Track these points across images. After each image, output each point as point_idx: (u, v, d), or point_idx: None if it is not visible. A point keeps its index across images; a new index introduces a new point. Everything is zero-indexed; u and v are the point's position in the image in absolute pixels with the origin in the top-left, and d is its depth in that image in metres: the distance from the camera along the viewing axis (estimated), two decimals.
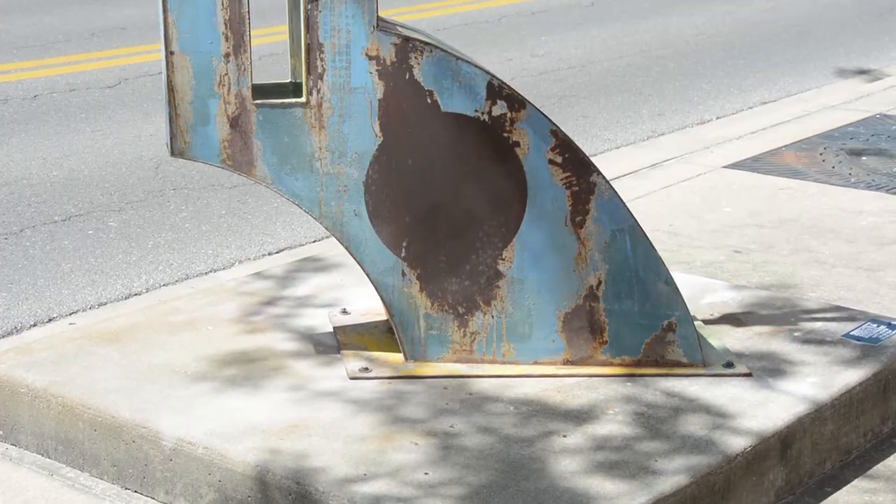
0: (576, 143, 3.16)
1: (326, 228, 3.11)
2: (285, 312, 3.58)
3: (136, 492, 2.96)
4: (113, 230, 5.14)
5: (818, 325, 3.49)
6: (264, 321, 3.51)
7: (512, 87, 3.10)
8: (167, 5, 2.91)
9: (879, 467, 3.13)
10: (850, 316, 3.57)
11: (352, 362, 3.21)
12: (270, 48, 8.43)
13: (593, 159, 5.71)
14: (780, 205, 5.01)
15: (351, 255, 3.13)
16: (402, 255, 3.12)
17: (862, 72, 8.02)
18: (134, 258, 4.82)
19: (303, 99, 3.02)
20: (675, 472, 2.72)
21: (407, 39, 3.03)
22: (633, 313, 3.18)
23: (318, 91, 3.02)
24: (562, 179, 3.11)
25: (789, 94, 7.44)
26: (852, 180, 5.40)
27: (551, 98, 7.38)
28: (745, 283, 4.08)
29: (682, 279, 3.50)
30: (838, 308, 3.63)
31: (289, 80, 3.25)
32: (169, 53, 2.94)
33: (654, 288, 3.17)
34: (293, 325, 3.48)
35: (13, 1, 10.95)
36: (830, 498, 2.98)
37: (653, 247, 3.17)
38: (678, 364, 3.20)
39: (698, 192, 5.21)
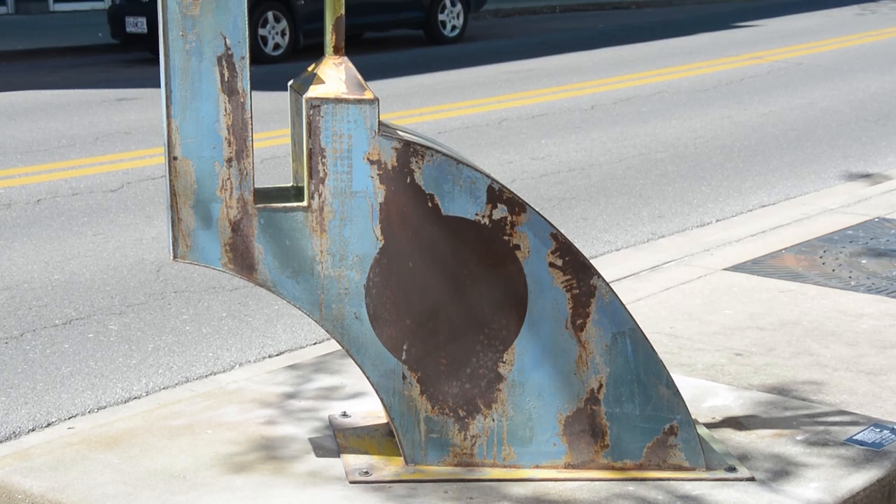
0: (576, 245, 3.17)
1: (327, 331, 3.10)
2: (285, 416, 3.56)
3: None
4: (113, 333, 5.13)
5: (821, 428, 3.46)
6: (264, 425, 3.49)
7: (512, 190, 3.13)
8: (171, 111, 2.94)
9: None
10: (853, 420, 3.54)
11: (352, 466, 3.18)
12: (272, 151, 8.51)
13: (593, 261, 5.73)
14: (780, 307, 5.01)
15: (352, 357, 3.12)
16: (403, 357, 3.11)
17: (860, 176, 8.08)
18: (134, 361, 4.80)
19: (304, 203, 3.04)
20: None
21: (408, 144, 3.06)
22: (634, 417, 3.16)
23: (320, 195, 3.04)
24: (562, 282, 3.12)
25: (788, 198, 7.48)
26: (852, 283, 5.40)
27: (552, 200, 7.43)
28: (747, 385, 4.06)
29: (683, 382, 3.49)
30: (841, 412, 3.61)
31: (290, 184, 3.28)
32: (172, 159, 2.97)
33: (656, 391, 3.15)
34: (293, 429, 3.45)
35: (19, 107, 11.10)
36: None
37: (654, 350, 3.16)
38: (680, 468, 3.17)
39: (699, 295, 5.21)
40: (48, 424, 4.20)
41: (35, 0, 18.63)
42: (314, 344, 4.97)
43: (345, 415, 3.51)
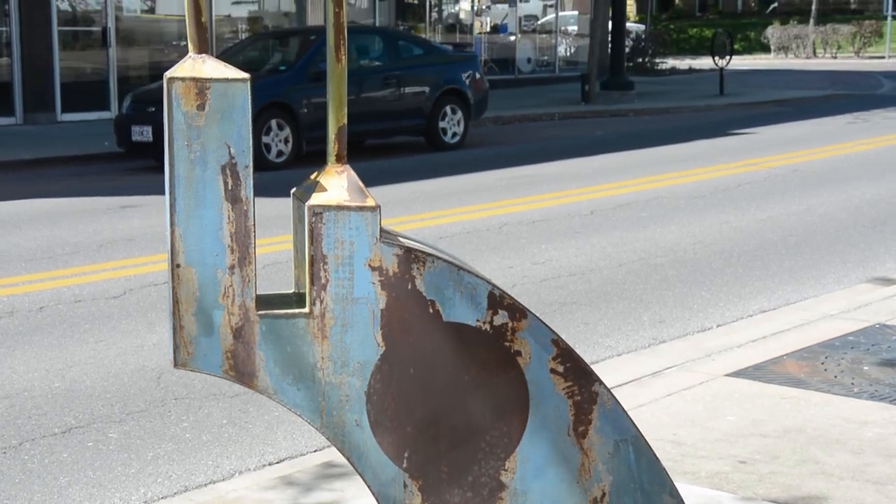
0: (577, 351, 3.17)
1: (328, 439, 3.09)
2: None
3: None
4: (113, 441, 5.10)
5: None
6: None
7: (513, 296, 3.14)
8: (175, 219, 2.97)
9: None
10: None
11: None
12: (275, 257, 8.54)
13: (595, 367, 5.71)
14: (783, 414, 4.98)
15: (352, 466, 3.10)
16: (404, 465, 3.09)
17: (860, 282, 8.10)
18: (133, 470, 4.77)
19: (306, 309, 3.06)
20: None
21: (409, 250, 3.08)
22: None
23: (322, 301, 3.06)
24: (564, 389, 3.11)
25: (788, 303, 7.49)
26: (855, 390, 5.38)
27: (552, 305, 7.44)
28: (752, 494, 4.02)
29: (687, 491, 3.46)
30: None
31: (292, 291, 3.29)
32: (175, 266, 2.99)
33: (659, 500, 3.13)
34: None
35: (24, 215, 11.17)
36: None
37: (656, 457, 3.14)
38: None
39: (701, 401, 5.19)
40: None
41: (43, 111, 18.86)
42: (315, 451, 4.94)
43: None
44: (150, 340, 6.69)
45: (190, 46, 3.08)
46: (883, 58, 35.25)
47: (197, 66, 2.98)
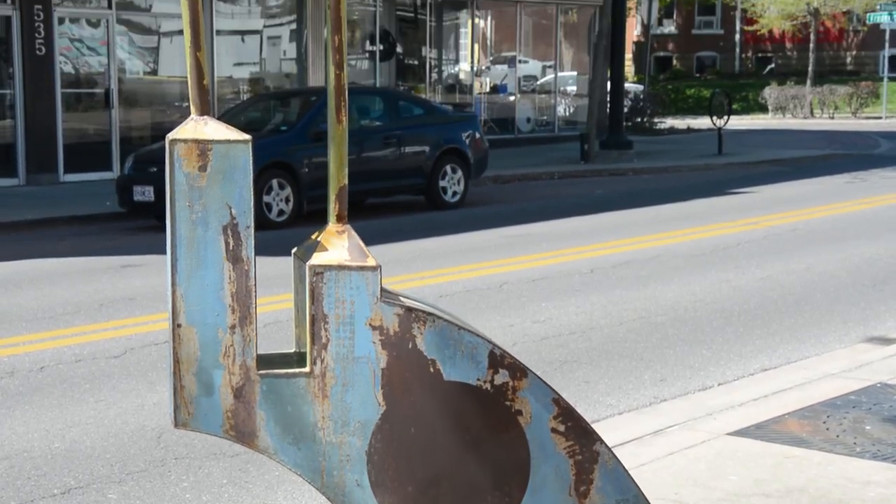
0: (578, 409, 3.17)
1: (329, 499, 3.08)
2: None
3: None
4: (112, 502, 5.07)
5: None
6: None
7: (513, 354, 3.15)
8: (176, 279, 2.99)
9: None
10: None
11: None
12: (275, 316, 8.55)
13: (596, 426, 5.69)
14: (786, 473, 4.96)
15: None
16: None
17: (861, 340, 8.10)
18: None
19: (307, 369, 3.06)
20: None
21: (409, 310, 3.09)
22: None
23: (322, 361, 3.06)
24: (565, 448, 3.11)
25: (789, 361, 7.48)
26: (857, 450, 5.36)
27: (553, 363, 7.43)
28: None
29: None
30: None
31: (293, 350, 3.30)
32: (176, 326, 3.00)
33: None
34: None
35: (25, 275, 11.19)
36: None
37: None
38: None
39: (703, 460, 5.17)
40: None
41: (45, 172, 18.95)
42: None
43: None
44: (150, 400, 6.67)
45: (192, 108, 3.12)
46: (880, 118, 35.48)
47: (199, 127, 3.01)
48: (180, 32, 19.99)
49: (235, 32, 22.28)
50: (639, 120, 31.09)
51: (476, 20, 26.58)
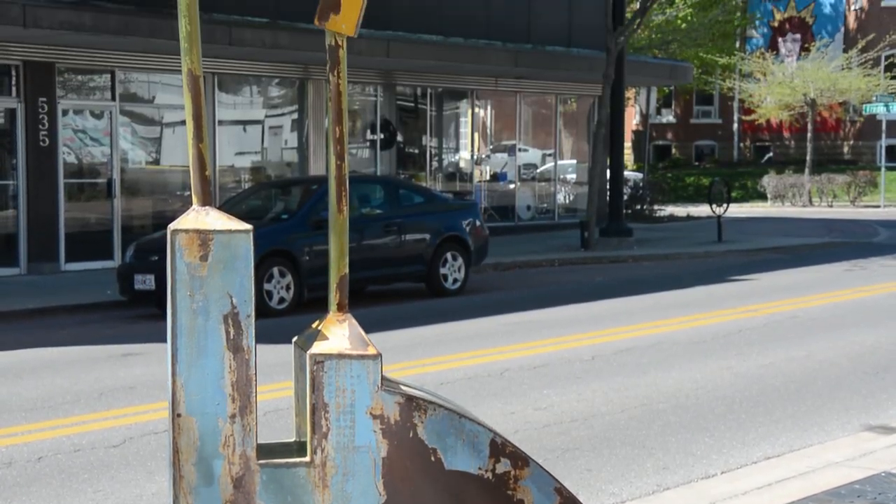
0: (580, 498, 3.15)
1: None
2: None
3: None
4: None
5: None
6: None
7: (515, 443, 3.14)
8: (176, 369, 2.99)
9: None
10: None
11: None
12: (276, 404, 8.51)
13: None
14: None
15: None
16: None
17: (863, 429, 8.05)
18: None
19: (307, 458, 3.05)
20: None
21: (410, 398, 3.10)
22: None
23: (323, 450, 3.05)
24: None
25: (792, 450, 7.44)
26: None
27: (555, 451, 7.38)
28: None
29: None
30: None
31: (293, 439, 3.29)
32: (176, 415, 3.00)
33: None
34: None
35: (26, 365, 11.17)
36: None
37: None
38: None
39: None
40: None
41: (47, 261, 19.00)
42: None
43: None
44: (149, 490, 6.62)
45: (194, 198, 3.15)
46: (878, 207, 35.66)
47: (200, 217, 3.05)
48: (182, 123, 20.17)
49: (237, 122, 22.51)
50: (638, 208, 31.26)
51: (476, 109, 26.86)
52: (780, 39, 44.16)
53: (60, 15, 17.33)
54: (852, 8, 42.65)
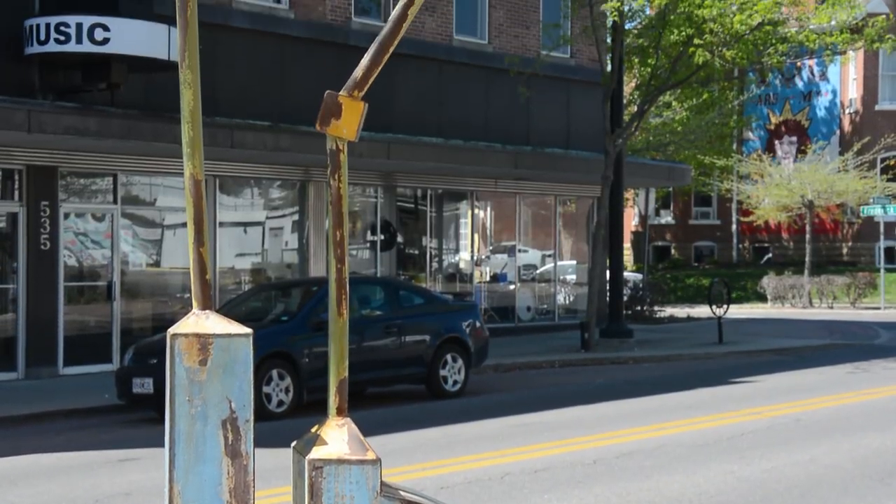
0: None
1: None
2: None
3: None
4: None
5: None
6: None
7: None
8: (174, 475, 2.96)
9: None
10: None
11: None
12: None
13: None
14: None
15: None
16: None
17: None
18: None
19: None
20: None
21: None
22: None
23: None
24: None
25: None
26: None
27: None
28: None
29: None
30: None
31: None
32: None
33: None
34: None
35: (22, 471, 11.05)
36: None
37: None
38: None
39: None
40: None
41: (45, 365, 18.91)
42: None
43: None
44: None
45: (194, 302, 3.15)
46: (879, 308, 35.65)
47: (200, 321, 3.04)
48: (183, 225, 20.27)
49: (238, 224, 22.62)
50: (639, 308, 31.25)
51: (476, 210, 27.01)
52: (776, 142, 44.60)
53: (65, 120, 17.51)
54: (847, 111, 43.14)
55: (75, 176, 19.86)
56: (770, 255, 45.26)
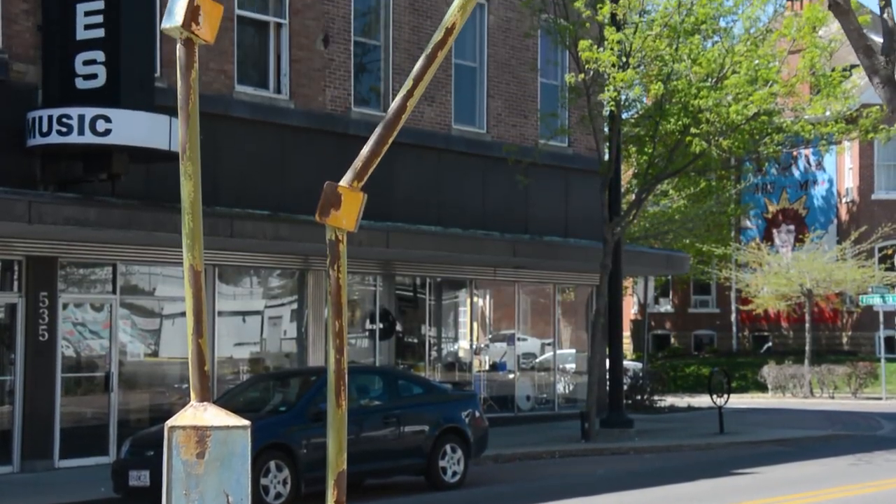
0: None
1: None
2: None
3: None
4: None
5: None
6: None
7: None
8: None
9: None
10: None
11: None
12: None
13: None
14: None
15: None
16: None
17: None
18: None
19: None
20: None
21: None
22: None
23: None
24: None
25: None
26: None
27: None
28: None
29: None
30: None
31: None
32: None
33: None
34: None
35: None
36: None
37: None
38: None
39: None
40: None
41: (41, 458, 18.69)
42: None
43: None
44: None
45: (192, 394, 3.11)
46: (880, 399, 35.46)
47: (198, 414, 3.00)
48: (182, 314, 20.22)
49: (237, 313, 22.58)
50: (639, 398, 31.07)
51: (475, 298, 26.99)
52: (774, 230, 44.75)
53: (65, 210, 17.55)
54: (843, 200, 43.35)
55: (75, 266, 19.86)
56: (770, 343, 45.14)
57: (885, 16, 12.06)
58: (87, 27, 17.51)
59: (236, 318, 22.57)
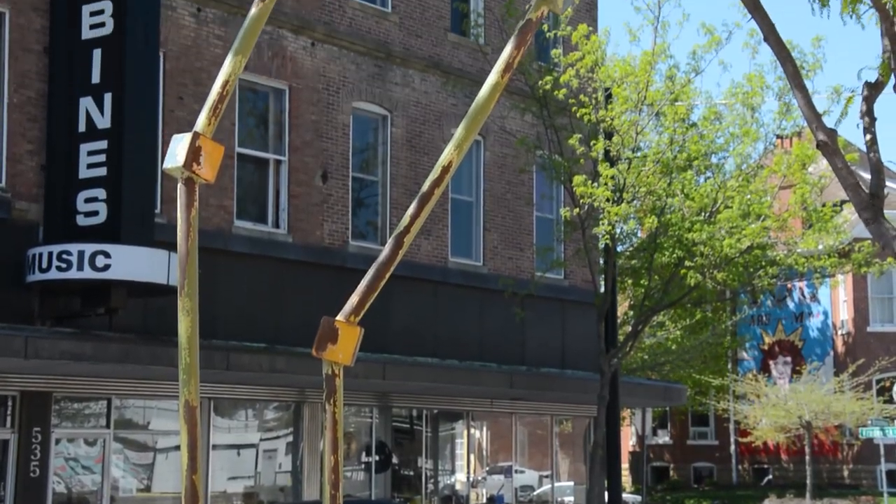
0: None
1: None
2: None
3: None
4: None
5: None
6: None
7: None
8: None
9: None
10: None
11: None
12: None
13: None
14: None
15: None
16: None
17: None
18: None
19: None
20: None
21: None
22: None
23: None
24: None
25: None
26: None
27: None
28: None
29: None
30: None
31: None
32: None
33: None
34: None
35: None
36: None
37: None
38: None
39: None
40: None
41: None
42: None
43: None
44: None
45: None
46: None
47: None
48: (176, 448, 20.03)
49: (231, 446, 22.38)
50: None
51: (472, 430, 26.81)
52: (771, 362, 44.65)
53: (62, 345, 17.53)
54: (839, 332, 43.36)
55: (69, 401, 19.75)
56: (770, 476, 44.64)
57: (872, 155, 12.28)
58: (90, 166, 17.75)
59: (231, 452, 22.37)
